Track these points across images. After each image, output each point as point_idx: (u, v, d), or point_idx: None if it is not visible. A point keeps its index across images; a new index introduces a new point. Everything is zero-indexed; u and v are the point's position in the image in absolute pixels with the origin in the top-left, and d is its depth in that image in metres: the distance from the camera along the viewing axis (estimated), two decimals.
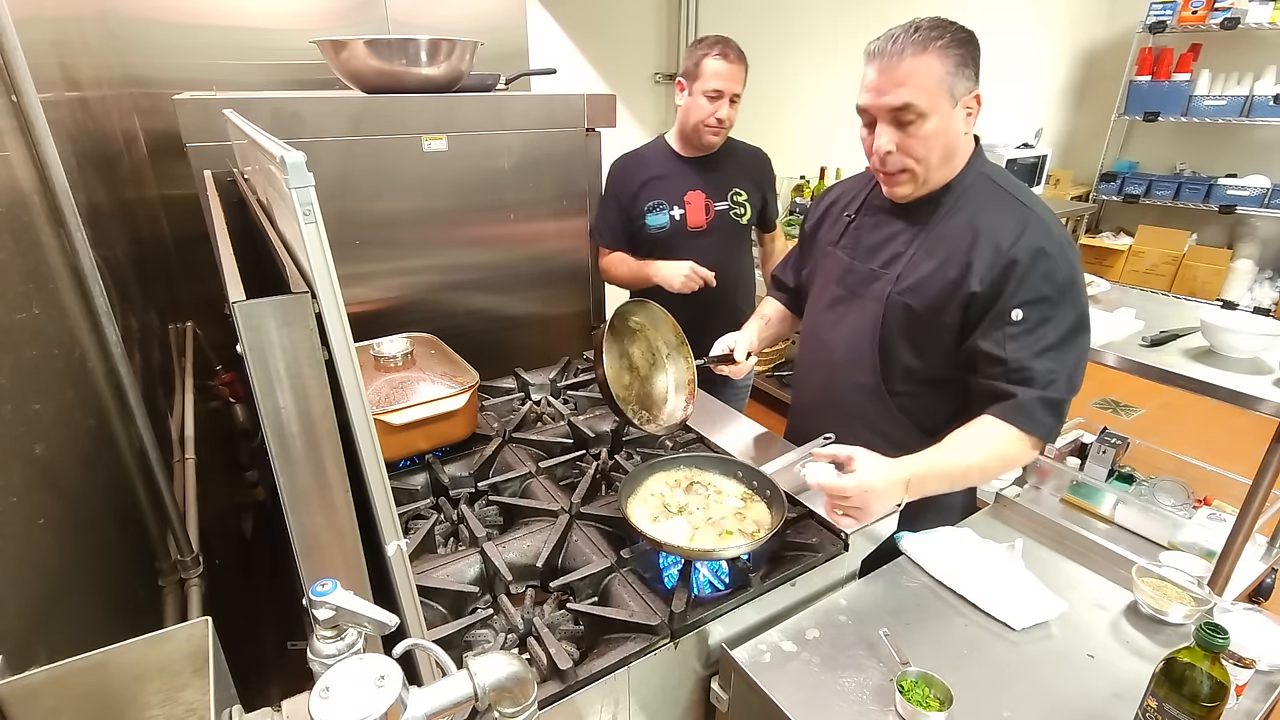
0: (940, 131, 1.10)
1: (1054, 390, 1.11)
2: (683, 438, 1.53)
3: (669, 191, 1.93)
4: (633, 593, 1.08)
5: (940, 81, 1.07)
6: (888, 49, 1.08)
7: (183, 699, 0.69)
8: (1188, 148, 5.08)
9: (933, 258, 1.19)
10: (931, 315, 1.19)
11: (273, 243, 0.83)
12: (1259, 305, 4.62)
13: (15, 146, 0.91)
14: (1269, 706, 1.02)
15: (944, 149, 1.13)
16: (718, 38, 1.82)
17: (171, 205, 1.96)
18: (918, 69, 1.06)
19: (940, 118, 1.09)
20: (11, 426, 0.77)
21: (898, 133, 1.11)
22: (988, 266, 1.12)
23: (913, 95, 1.07)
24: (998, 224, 1.14)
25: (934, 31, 1.07)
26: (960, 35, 1.08)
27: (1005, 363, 1.12)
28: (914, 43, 1.06)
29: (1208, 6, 4.46)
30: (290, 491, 0.66)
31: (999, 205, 1.16)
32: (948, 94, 1.08)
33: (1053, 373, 1.11)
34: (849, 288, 1.31)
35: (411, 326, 1.62)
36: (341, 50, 1.55)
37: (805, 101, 3.86)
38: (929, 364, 1.24)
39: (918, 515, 1.25)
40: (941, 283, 1.17)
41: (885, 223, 1.28)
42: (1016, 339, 1.11)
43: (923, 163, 1.13)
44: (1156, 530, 1.79)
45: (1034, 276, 1.10)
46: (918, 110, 1.08)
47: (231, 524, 1.97)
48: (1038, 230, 1.12)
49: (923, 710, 0.92)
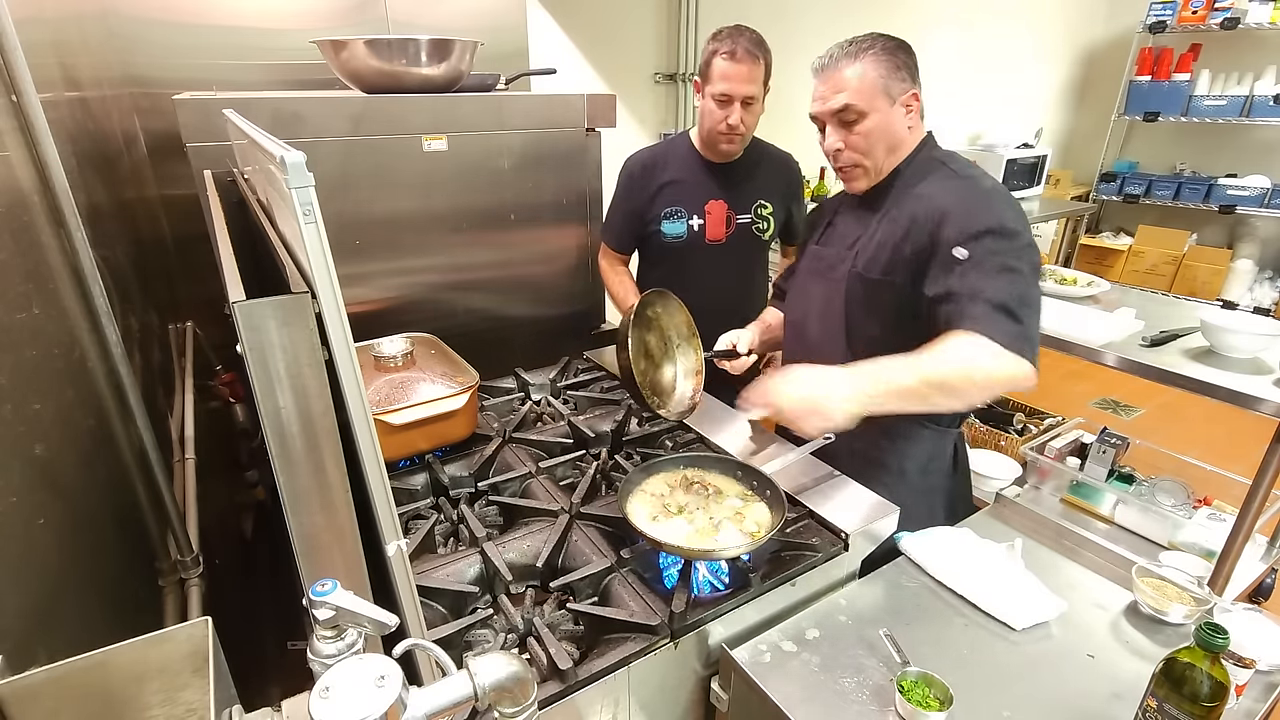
0: (881, 127, 1.23)
1: (1010, 301, 1.06)
2: (683, 437, 1.53)
3: (689, 199, 1.78)
4: (633, 593, 1.08)
5: (874, 84, 1.21)
6: (827, 62, 1.24)
7: (183, 699, 0.69)
8: (1188, 148, 5.08)
9: (884, 232, 1.28)
10: (884, 279, 1.26)
11: (273, 243, 0.83)
12: (1259, 305, 4.62)
13: (15, 146, 0.91)
14: (1269, 706, 1.02)
15: (887, 143, 1.25)
16: (731, 30, 1.65)
17: (171, 205, 1.96)
18: (853, 75, 1.21)
19: (879, 115, 1.22)
20: (11, 426, 0.77)
21: (844, 132, 1.25)
22: (924, 220, 1.20)
23: (850, 98, 1.21)
24: (935, 189, 1.23)
25: (865, 42, 1.22)
26: (889, 44, 1.22)
27: (959, 296, 1.10)
28: (848, 54, 1.22)
29: (1208, 6, 4.46)
30: (290, 491, 0.66)
31: (938, 176, 1.25)
32: (884, 94, 1.21)
33: (1006, 289, 1.07)
34: (819, 273, 1.41)
35: (411, 326, 1.62)
36: (341, 50, 1.55)
37: (806, 102, 3.86)
38: (888, 331, 1.24)
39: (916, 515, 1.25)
40: (889, 249, 1.25)
41: (854, 215, 1.38)
42: (965, 274, 1.11)
43: (869, 156, 1.26)
44: (1156, 530, 1.79)
45: (968, 217, 1.14)
46: (857, 110, 1.22)
47: (231, 524, 1.97)
48: (968, 185, 1.21)
49: (923, 710, 0.92)
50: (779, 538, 1.15)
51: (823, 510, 1.25)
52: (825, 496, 1.29)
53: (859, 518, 1.23)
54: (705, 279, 1.81)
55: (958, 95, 4.44)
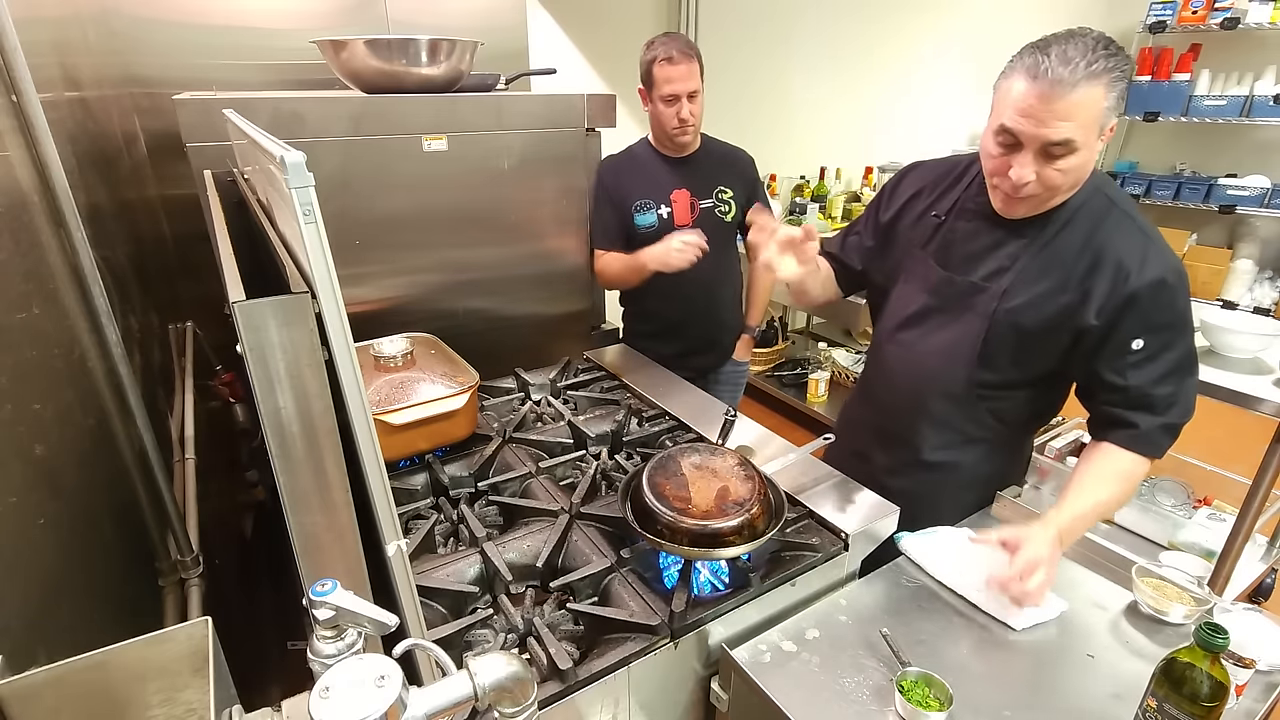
0: (1083, 164, 1.05)
1: (1173, 415, 1.14)
2: (683, 437, 1.53)
3: (655, 190, 1.97)
4: (633, 593, 1.08)
5: (1100, 116, 1.00)
6: (1062, 74, 0.97)
7: (183, 699, 0.69)
8: (1188, 148, 5.08)
9: (1045, 276, 1.15)
10: (1043, 335, 1.17)
11: (273, 243, 0.83)
12: (1259, 305, 4.62)
13: (15, 146, 0.91)
14: (1269, 706, 1.02)
15: (1078, 179, 1.08)
16: (663, 38, 1.84)
17: (171, 205, 1.96)
18: (1087, 102, 0.98)
19: (1088, 151, 1.03)
20: (11, 426, 0.77)
21: (1043, 162, 1.04)
22: (1107, 295, 1.10)
23: (1075, 131, 0.99)
24: (1119, 250, 1.10)
25: (1106, 59, 0.97)
26: (1126, 65, 1.01)
27: (1126, 391, 1.13)
28: (1090, 73, 0.97)
29: (1208, 6, 4.46)
30: (290, 491, 0.66)
31: (1118, 229, 1.12)
32: (1099, 127, 1.02)
33: (1172, 397, 1.13)
34: (945, 299, 1.26)
35: (411, 326, 1.62)
36: (341, 50, 1.55)
37: (806, 102, 3.86)
38: (1030, 375, 1.24)
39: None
40: (1056, 305, 1.14)
41: (984, 231, 1.21)
42: (1138, 367, 1.12)
43: (1056, 191, 1.08)
44: (1156, 530, 1.79)
45: (1155, 308, 1.09)
46: (1074, 146, 1.01)
47: (231, 524, 1.97)
48: (1158, 260, 1.09)
49: (923, 710, 0.92)
50: (779, 538, 1.15)
51: (823, 510, 1.25)
52: (825, 496, 1.29)
53: (859, 518, 1.23)
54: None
55: (958, 94, 4.44)
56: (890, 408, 1.43)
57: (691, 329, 2.09)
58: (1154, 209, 5.09)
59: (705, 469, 1.18)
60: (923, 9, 4.05)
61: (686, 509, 1.08)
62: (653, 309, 2.09)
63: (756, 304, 2.24)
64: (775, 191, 3.71)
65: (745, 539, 1.07)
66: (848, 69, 3.92)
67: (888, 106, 4.15)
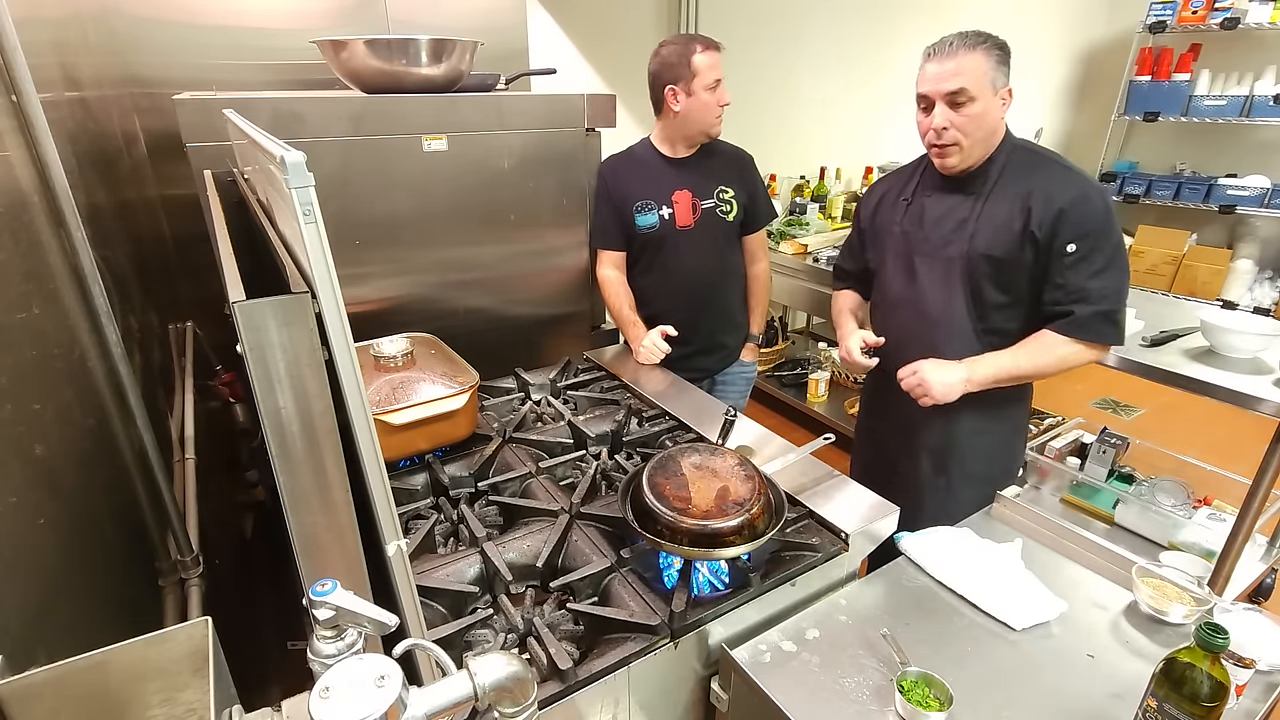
0: (984, 113, 1.38)
1: (1107, 304, 1.38)
2: (683, 437, 1.53)
3: (657, 191, 1.95)
4: (633, 593, 1.08)
5: (985, 74, 1.36)
6: (945, 48, 1.38)
7: (183, 699, 0.69)
8: (1188, 148, 5.08)
9: (997, 214, 1.44)
10: (1011, 256, 1.43)
11: (273, 243, 0.83)
12: (1259, 305, 4.62)
13: (15, 146, 0.91)
14: (1269, 706, 1.02)
15: (986, 129, 1.41)
16: (686, 36, 1.86)
17: (171, 205, 1.96)
18: (969, 62, 1.36)
19: (984, 102, 1.37)
20: (11, 426, 0.77)
21: (952, 112, 1.39)
22: (1043, 214, 1.39)
23: (964, 81, 1.36)
24: (1045, 181, 1.41)
25: (979, 37, 1.38)
26: (997, 41, 1.39)
27: (1066, 287, 1.40)
28: (966, 44, 1.37)
29: (1208, 6, 4.46)
30: (290, 491, 0.66)
31: (1044, 169, 1.43)
32: (990, 84, 1.37)
33: (1105, 289, 1.38)
34: (925, 254, 1.54)
35: (411, 326, 1.62)
36: (341, 50, 1.55)
37: (806, 103, 3.86)
38: (1013, 296, 1.48)
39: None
40: (1011, 231, 1.42)
41: (943, 199, 1.52)
42: (1074, 267, 1.38)
43: (970, 137, 1.40)
44: (1156, 530, 1.79)
45: (1081, 217, 1.37)
46: (969, 94, 1.36)
47: (231, 524, 1.97)
48: (1079, 182, 1.40)
49: (923, 710, 0.92)
50: (779, 538, 1.15)
51: (823, 510, 1.25)
52: (825, 496, 1.29)
53: (859, 518, 1.23)
54: (685, 262, 1.97)
55: None
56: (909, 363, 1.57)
57: (698, 330, 2.08)
58: (1154, 209, 5.10)
59: (705, 469, 1.18)
60: (923, 13, 4.05)
61: (686, 509, 1.09)
62: (658, 312, 2.08)
63: (758, 311, 2.23)
64: (775, 191, 3.70)
65: (745, 539, 1.07)
66: (848, 69, 3.92)
67: (889, 107, 4.14)
